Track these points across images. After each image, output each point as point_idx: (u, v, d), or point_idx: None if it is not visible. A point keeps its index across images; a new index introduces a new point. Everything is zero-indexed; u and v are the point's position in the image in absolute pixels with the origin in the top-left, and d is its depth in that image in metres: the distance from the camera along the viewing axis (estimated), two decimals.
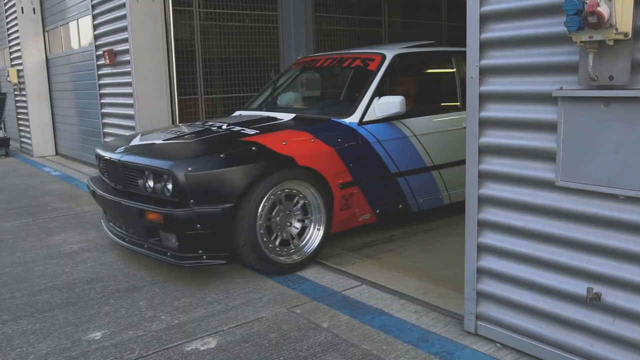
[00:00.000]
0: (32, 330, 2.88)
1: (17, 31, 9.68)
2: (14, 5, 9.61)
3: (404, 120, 4.15)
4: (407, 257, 3.88)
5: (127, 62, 6.22)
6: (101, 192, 3.82)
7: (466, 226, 2.62)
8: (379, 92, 4.11)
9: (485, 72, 2.46)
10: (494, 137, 2.47)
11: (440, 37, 10.25)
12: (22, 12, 9.48)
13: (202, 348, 2.65)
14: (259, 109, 4.87)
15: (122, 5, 6.14)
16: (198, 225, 3.24)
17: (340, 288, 3.33)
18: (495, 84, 2.43)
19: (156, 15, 6.08)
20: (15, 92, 10.42)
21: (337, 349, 2.60)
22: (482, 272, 2.60)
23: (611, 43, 1.92)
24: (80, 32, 8.22)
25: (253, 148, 3.45)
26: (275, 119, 4.25)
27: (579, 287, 2.22)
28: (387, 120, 4.05)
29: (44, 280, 3.61)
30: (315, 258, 3.73)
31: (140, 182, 3.50)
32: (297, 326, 2.85)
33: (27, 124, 9.98)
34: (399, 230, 4.48)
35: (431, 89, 5.08)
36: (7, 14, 10.17)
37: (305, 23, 8.23)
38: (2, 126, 10.76)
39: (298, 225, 3.67)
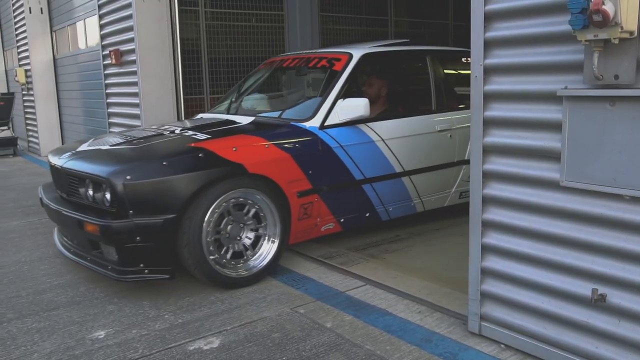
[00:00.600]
0: (37, 329, 2.90)
1: (24, 31, 9.73)
2: (22, 5, 9.66)
3: (370, 124, 3.93)
4: (412, 257, 3.86)
5: (133, 62, 6.23)
6: (46, 200, 3.65)
7: (470, 226, 2.61)
8: (344, 94, 3.89)
9: (489, 72, 2.44)
10: (498, 137, 2.45)
11: (446, 37, 10.22)
12: (30, 12, 9.54)
13: (205, 347, 2.65)
14: (222, 111, 4.65)
15: (128, 5, 6.15)
16: (138, 238, 3.05)
17: (344, 288, 3.32)
18: (500, 83, 2.41)
19: (162, 15, 6.09)
20: (23, 92, 10.48)
21: (340, 349, 2.59)
22: (486, 273, 2.59)
23: (616, 42, 1.90)
24: (87, 32, 8.26)
25: (200, 155, 3.26)
26: (234, 122, 4.06)
27: (584, 288, 2.20)
28: (352, 123, 3.84)
29: (49, 279, 3.63)
30: (270, 271, 3.51)
31: (82, 190, 3.32)
32: (301, 326, 2.84)
33: (35, 123, 10.04)
34: (404, 230, 4.46)
35: (402, 90, 4.85)
36: (15, 14, 10.23)
37: (311, 23, 8.22)
38: (10, 126, 10.82)
39: (250, 237, 3.44)
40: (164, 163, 3.17)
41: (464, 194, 4.54)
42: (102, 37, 7.11)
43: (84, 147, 3.83)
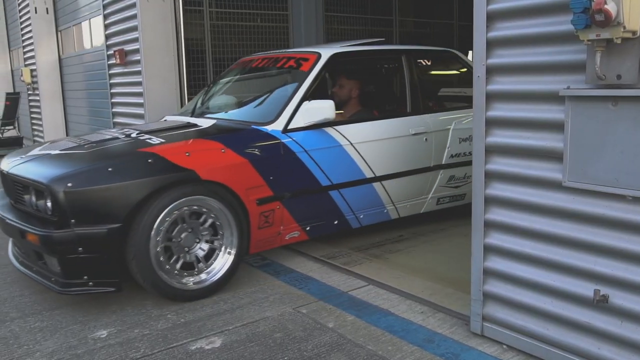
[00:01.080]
0: (39, 328, 2.91)
1: (30, 31, 9.78)
2: (27, 5, 9.71)
3: (338, 127, 3.76)
4: (415, 257, 3.86)
5: (138, 62, 6.25)
6: None
7: (472, 227, 2.60)
8: (310, 96, 3.71)
9: (492, 71, 2.44)
10: (500, 137, 2.44)
11: (451, 37, 10.20)
12: (36, 12, 9.58)
13: (206, 347, 2.65)
14: (187, 113, 4.48)
15: (133, 5, 6.17)
16: (80, 249, 2.88)
17: (346, 288, 3.32)
18: (502, 83, 2.41)
19: (166, 14, 6.10)
20: (29, 92, 10.53)
21: (342, 349, 2.59)
22: (488, 273, 2.58)
23: (619, 41, 1.89)
24: (92, 32, 8.29)
25: (149, 160, 3.09)
26: (195, 125, 3.88)
27: (586, 288, 2.19)
28: (318, 126, 3.67)
29: None
30: (226, 284, 3.33)
31: (27, 198, 3.15)
32: (303, 326, 2.84)
33: (40, 123, 10.08)
34: (408, 231, 4.45)
35: (375, 91, 4.65)
36: (21, 14, 10.28)
37: (316, 23, 8.22)
38: (16, 125, 10.87)
39: (204, 248, 3.26)
40: (109, 169, 3.02)
41: (441, 199, 4.40)
42: (107, 37, 7.13)
43: (35, 151, 3.63)
